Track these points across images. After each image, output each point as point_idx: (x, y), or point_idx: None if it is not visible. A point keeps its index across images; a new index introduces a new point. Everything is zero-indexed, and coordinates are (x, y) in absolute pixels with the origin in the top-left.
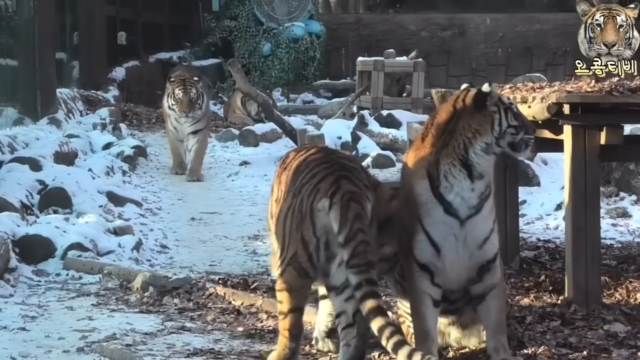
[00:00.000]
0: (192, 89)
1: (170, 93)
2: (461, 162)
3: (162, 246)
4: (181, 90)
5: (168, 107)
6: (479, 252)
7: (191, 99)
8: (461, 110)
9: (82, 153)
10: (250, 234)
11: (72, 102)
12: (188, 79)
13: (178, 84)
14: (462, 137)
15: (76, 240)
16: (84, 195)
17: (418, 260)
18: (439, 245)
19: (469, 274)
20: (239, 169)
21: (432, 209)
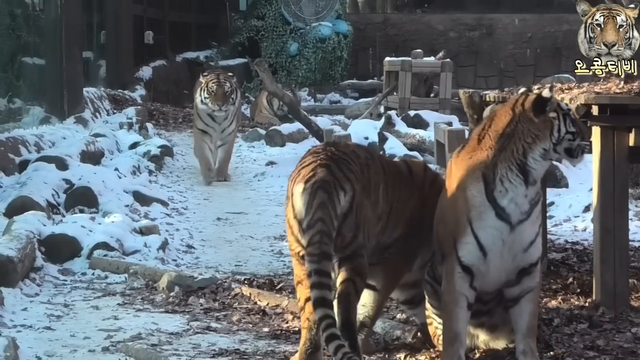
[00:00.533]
0: (227, 83)
1: (204, 87)
2: (519, 167)
3: (188, 246)
4: (215, 83)
5: (201, 101)
6: (523, 256)
7: (225, 92)
8: (520, 115)
9: (109, 152)
10: (277, 235)
11: (99, 101)
12: (222, 73)
13: (212, 77)
14: (521, 142)
15: (102, 239)
16: (110, 194)
17: (462, 262)
18: (486, 249)
19: (508, 277)
20: (265, 169)
21: (484, 212)
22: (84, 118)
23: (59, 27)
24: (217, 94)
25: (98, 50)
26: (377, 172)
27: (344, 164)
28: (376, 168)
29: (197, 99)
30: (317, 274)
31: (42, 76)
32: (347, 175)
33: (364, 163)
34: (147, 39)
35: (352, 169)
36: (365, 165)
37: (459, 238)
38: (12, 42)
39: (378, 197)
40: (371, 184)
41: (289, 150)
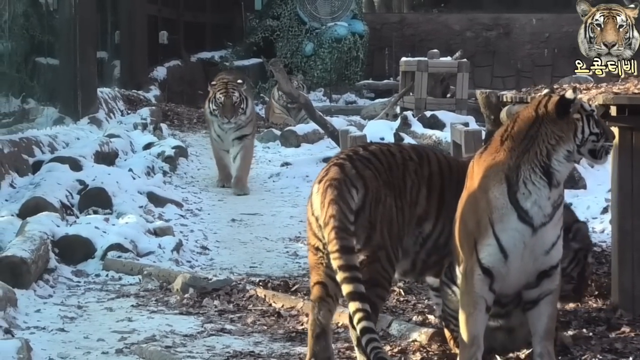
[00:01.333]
0: (235, 92)
1: (212, 97)
2: (542, 169)
3: (202, 247)
4: (223, 94)
5: (210, 112)
6: (544, 258)
7: (233, 103)
8: (544, 116)
9: (123, 153)
10: (292, 236)
11: (113, 102)
12: (230, 82)
13: (220, 87)
14: (545, 144)
15: (116, 241)
16: (124, 195)
17: (482, 264)
18: (507, 251)
19: (527, 279)
20: (280, 170)
21: (506, 214)
22: (98, 118)
23: (73, 27)
24: (225, 106)
25: (112, 51)
26: (420, 173)
27: (363, 162)
28: (419, 169)
29: (207, 110)
30: (343, 269)
31: (56, 76)
32: (361, 173)
33: (398, 163)
34: (162, 39)
35: (371, 167)
36: (400, 165)
37: (480, 240)
38: (26, 42)
39: (417, 197)
40: (405, 184)
41: (304, 151)
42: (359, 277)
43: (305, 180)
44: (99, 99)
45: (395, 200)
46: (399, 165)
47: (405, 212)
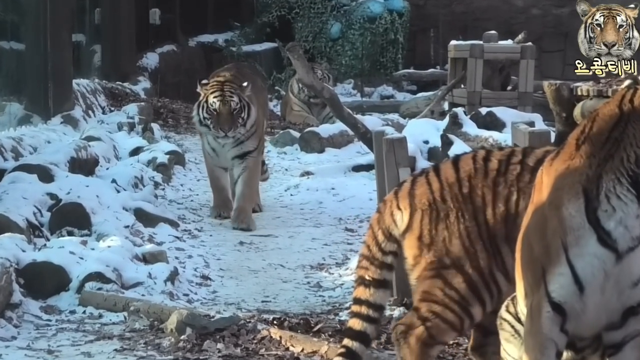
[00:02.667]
0: (233, 97)
1: (203, 102)
2: (630, 179)
3: (203, 277)
4: (218, 98)
5: (199, 121)
6: (630, 292)
7: (231, 112)
8: (630, 114)
9: (105, 160)
10: (313, 262)
11: (93, 96)
12: (228, 83)
13: (214, 89)
14: (633, 148)
15: (96, 269)
16: (106, 212)
17: (552, 298)
18: (584, 282)
19: (610, 318)
20: (300, 181)
21: (584, 236)
22: (74, 117)
23: (43, 4)
24: (221, 116)
25: (91, 33)
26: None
27: (431, 175)
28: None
29: (195, 117)
30: (353, 302)
31: (20, 65)
32: (413, 191)
33: (491, 170)
34: (153, 19)
35: (436, 181)
36: (497, 172)
37: (549, 268)
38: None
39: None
40: (497, 194)
41: (329, 157)
42: (364, 314)
43: (330, 193)
44: (75, 93)
45: (476, 215)
46: (493, 173)
47: (484, 229)
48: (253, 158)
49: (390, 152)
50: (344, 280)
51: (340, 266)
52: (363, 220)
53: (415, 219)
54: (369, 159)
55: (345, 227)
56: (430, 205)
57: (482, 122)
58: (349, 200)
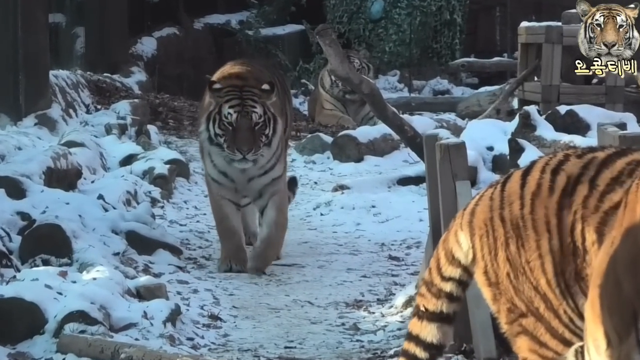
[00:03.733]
0: (256, 107)
1: (214, 112)
2: None
3: (211, 317)
4: (235, 109)
5: (209, 137)
6: None
7: (252, 127)
8: None
9: (89, 171)
10: (349, 299)
11: (74, 91)
12: (249, 88)
13: (230, 97)
14: None
15: (78, 307)
16: (90, 236)
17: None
18: None
19: None
20: (333, 197)
21: None
22: (51, 117)
23: None
24: (239, 131)
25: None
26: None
27: (508, 185)
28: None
29: (204, 133)
30: (406, 336)
31: None
32: (474, 207)
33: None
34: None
35: (492, 202)
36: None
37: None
38: None
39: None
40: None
41: (369, 168)
42: (411, 353)
43: (369, 212)
44: (53, 88)
45: (539, 244)
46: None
47: (561, 261)
48: (281, 186)
49: (446, 161)
50: (388, 321)
51: (383, 303)
52: (411, 247)
53: (476, 245)
54: (419, 170)
55: (388, 255)
56: (487, 228)
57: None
58: (393, 221)
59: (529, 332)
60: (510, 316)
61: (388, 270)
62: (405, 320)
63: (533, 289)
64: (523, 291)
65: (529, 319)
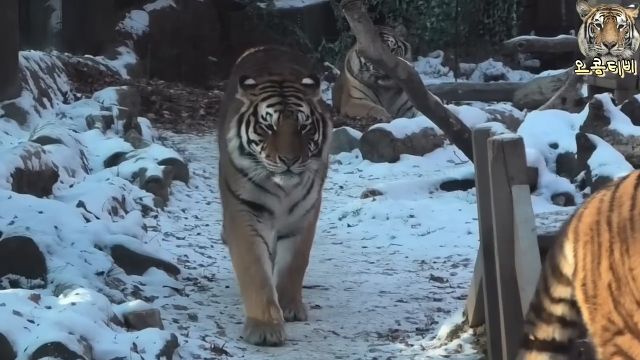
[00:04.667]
0: (302, 106)
1: (249, 115)
2: None
3: (215, 349)
4: (277, 107)
5: (240, 147)
6: None
7: (298, 130)
8: None
9: (67, 172)
10: (382, 329)
11: (49, 77)
12: (289, 83)
13: (268, 92)
14: None
15: (53, 338)
16: (68, 252)
17: None
18: None
19: None
20: (362, 204)
21: None
22: (20, 108)
23: None
24: (283, 136)
25: None
26: None
27: (604, 193)
28: None
29: (234, 141)
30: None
31: None
32: (582, 212)
33: None
34: None
35: (601, 204)
36: None
37: None
38: None
39: None
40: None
41: (406, 169)
42: None
43: (407, 223)
44: (23, 72)
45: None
46: None
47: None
48: (310, 221)
49: (500, 160)
50: (429, 356)
51: (424, 334)
52: (458, 265)
53: (579, 254)
54: (467, 172)
55: (430, 275)
56: (592, 233)
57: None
58: (436, 233)
59: (624, 352)
60: (605, 335)
61: (429, 293)
62: (450, 355)
63: (635, 302)
64: (623, 304)
65: (625, 337)
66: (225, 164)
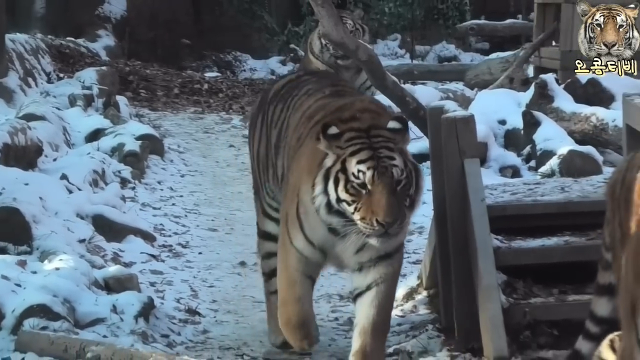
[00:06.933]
0: (395, 160)
1: (337, 170)
2: None
3: (189, 311)
4: (368, 164)
5: (327, 204)
6: None
7: (395, 189)
8: None
9: (51, 147)
10: (343, 291)
11: (34, 58)
12: (376, 130)
13: (357, 145)
14: None
15: (39, 300)
16: (52, 221)
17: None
18: None
19: None
20: None
21: None
22: (7, 87)
23: None
24: (380, 198)
25: None
26: None
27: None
28: None
29: (320, 198)
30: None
31: None
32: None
33: None
34: None
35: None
36: None
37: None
38: None
39: None
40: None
41: None
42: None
43: None
44: (9, 53)
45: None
46: None
47: None
48: (395, 269)
49: (452, 136)
50: None
51: None
52: (413, 232)
53: (607, 222)
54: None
55: None
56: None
57: (581, 94)
58: None
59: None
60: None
61: None
62: (405, 315)
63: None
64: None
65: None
66: (292, 215)
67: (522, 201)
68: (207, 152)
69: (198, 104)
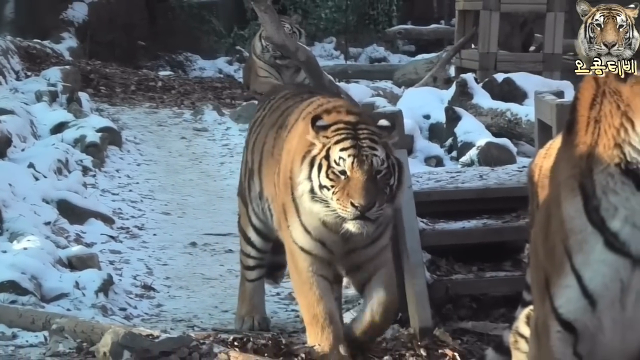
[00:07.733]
0: (376, 150)
1: (321, 158)
2: (619, 167)
3: (144, 287)
4: (350, 151)
5: (311, 191)
6: None
7: (373, 176)
8: (604, 84)
9: (19, 139)
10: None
11: (4, 58)
12: (363, 125)
13: (341, 135)
14: (612, 129)
15: (8, 277)
16: (20, 205)
17: (561, 314)
18: (594, 295)
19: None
20: None
21: (588, 241)
22: None
23: None
24: (356, 182)
25: None
26: None
27: None
28: None
29: (304, 184)
30: None
31: None
32: None
33: None
34: None
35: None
36: None
37: (554, 278)
38: None
39: None
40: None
41: None
42: None
43: None
44: None
45: None
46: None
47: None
48: (388, 258)
49: None
50: None
51: None
52: None
53: (529, 204)
54: None
55: None
56: (532, 185)
57: (497, 92)
58: None
59: None
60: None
61: None
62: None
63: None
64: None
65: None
66: (286, 208)
67: (445, 188)
68: (160, 143)
69: (153, 99)
